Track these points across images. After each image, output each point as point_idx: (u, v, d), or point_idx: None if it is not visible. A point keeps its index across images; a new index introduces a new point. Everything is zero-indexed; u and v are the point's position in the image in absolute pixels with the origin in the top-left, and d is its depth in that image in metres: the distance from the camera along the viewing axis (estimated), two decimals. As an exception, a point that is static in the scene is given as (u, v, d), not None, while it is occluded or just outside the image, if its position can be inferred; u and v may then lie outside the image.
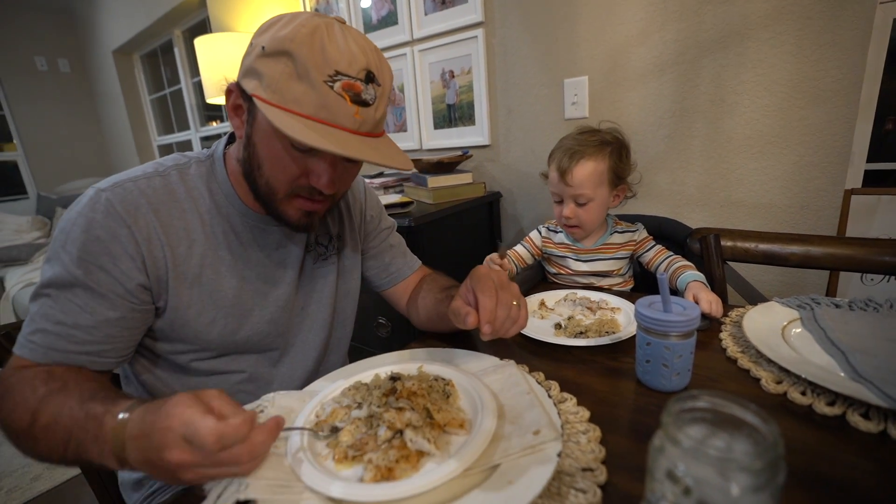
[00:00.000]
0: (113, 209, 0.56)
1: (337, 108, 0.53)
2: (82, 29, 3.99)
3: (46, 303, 0.55)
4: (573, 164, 0.95)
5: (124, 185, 0.59)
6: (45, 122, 3.99)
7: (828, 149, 1.11)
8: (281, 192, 0.60)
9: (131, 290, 0.57)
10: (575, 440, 0.47)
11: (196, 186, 0.64)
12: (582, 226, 1.01)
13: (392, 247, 0.87)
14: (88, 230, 0.55)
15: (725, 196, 1.27)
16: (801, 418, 0.50)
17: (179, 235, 0.61)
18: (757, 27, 1.13)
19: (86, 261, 0.54)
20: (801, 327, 0.68)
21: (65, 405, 0.48)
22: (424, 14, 1.75)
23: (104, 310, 0.55)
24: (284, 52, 0.52)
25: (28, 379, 0.51)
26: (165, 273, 0.60)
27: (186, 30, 3.12)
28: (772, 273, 1.23)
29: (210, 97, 2.04)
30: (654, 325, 0.55)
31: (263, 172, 0.59)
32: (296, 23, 0.53)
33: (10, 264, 3.24)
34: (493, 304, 0.57)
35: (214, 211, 0.65)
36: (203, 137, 3.41)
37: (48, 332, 0.54)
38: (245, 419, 0.39)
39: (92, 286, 0.55)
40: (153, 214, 0.59)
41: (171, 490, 0.69)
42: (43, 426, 0.47)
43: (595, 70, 1.41)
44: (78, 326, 0.54)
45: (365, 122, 0.55)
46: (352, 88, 0.53)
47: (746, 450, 0.28)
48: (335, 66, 0.52)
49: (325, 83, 0.52)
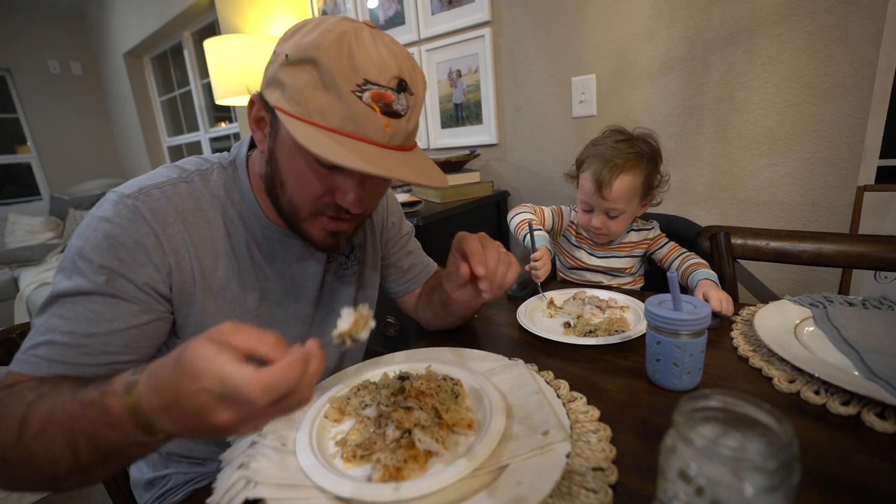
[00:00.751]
0: (141, 216, 0.53)
1: (366, 120, 0.49)
2: (94, 32, 4.04)
3: (56, 312, 0.50)
4: (613, 178, 0.91)
5: (150, 191, 0.56)
6: (59, 124, 4.05)
7: (840, 145, 1.09)
8: (305, 211, 0.56)
9: (153, 299, 0.54)
10: (585, 440, 0.47)
11: (219, 195, 0.61)
12: (609, 235, 1.00)
13: (410, 253, 0.86)
14: (113, 236, 0.52)
15: (735, 194, 1.26)
16: (814, 418, 0.49)
17: (206, 247, 0.58)
18: (766, 23, 1.11)
19: (108, 268, 0.51)
20: (814, 326, 0.67)
21: (56, 403, 0.41)
22: (431, 14, 1.75)
23: (125, 317, 0.52)
24: (309, 59, 0.48)
25: (16, 391, 0.45)
26: (193, 286, 0.57)
27: (196, 32, 3.15)
28: (783, 271, 1.22)
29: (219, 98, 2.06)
30: (665, 324, 0.54)
31: (286, 190, 0.55)
32: (321, 28, 0.49)
33: (24, 265, 3.29)
34: (480, 249, 0.57)
35: (238, 222, 0.62)
36: (212, 138, 3.44)
37: (55, 343, 0.48)
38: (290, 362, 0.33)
39: (113, 293, 0.51)
40: (181, 224, 0.56)
41: (184, 490, 0.70)
42: (35, 434, 0.40)
43: (603, 68, 1.40)
44: (93, 336, 0.50)
45: (396, 134, 0.51)
46: (382, 98, 0.49)
47: (760, 450, 0.27)
48: (364, 74, 0.48)
49: (353, 93, 0.47)
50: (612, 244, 1.05)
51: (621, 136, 0.96)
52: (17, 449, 0.40)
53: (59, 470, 0.40)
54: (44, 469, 0.40)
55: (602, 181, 0.92)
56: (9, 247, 3.43)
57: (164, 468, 0.71)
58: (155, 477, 0.71)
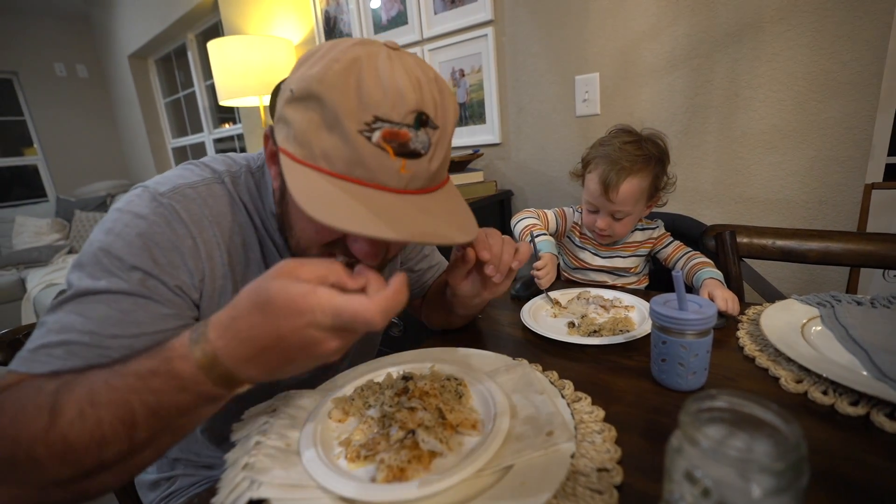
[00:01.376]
0: (178, 216, 0.50)
1: (376, 163, 0.42)
2: (99, 35, 4.08)
3: (76, 310, 0.46)
4: (620, 181, 0.90)
5: (184, 191, 0.53)
6: (64, 126, 4.09)
7: (847, 142, 1.08)
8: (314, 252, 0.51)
9: (185, 303, 0.51)
10: (590, 440, 0.47)
11: (248, 200, 0.58)
12: (614, 236, 1.00)
13: (426, 257, 0.84)
14: (148, 236, 0.49)
15: (740, 192, 1.25)
16: (822, 418, 0.48)
17: (238, 252, 0.56)
18: (772, 20, 1.10)
19: (141, 268, 0.48)
20: (822, 325, 0.66)
21: (94, 384, 0.38)
22: (434, 13, 1.74)
23: (154, 321, 0.48)
24: (313, 95, 0.42)
25: (28, 385, 0.41)
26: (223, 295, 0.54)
27: (200, 33, 3.17)
28: (790, 270, 1.21)
29: (223, 99, 2.07)
30: (670, 324, 0.54)
31: (295, 234, 0.51)
32: (329, 57, 0.43)
33: (31, 266, 3.32)
34: (483, 236, 0.56)
35: (263, 230, 0.59)
36: (216, 139, 3.45)
37: (73, 343, 0.44)
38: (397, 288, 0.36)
39: (146, 294, 0.48)
40: (216, 227, 0.53)
41: (188, 491, 0.70)
42: (72, 420, 0.36)
43: (606, 66, 1.39)
44: (116, 338, 0.46)
45: (415, 177, 0.45)
46: (396, 138, 0.42)
47: (767, 451, 0.27)
48: (374, 110, 0.41)
49: (361, 133, 0.42)
50: (616, 244, 1.04)
51: (629, 138, 0.95)
52: (48, 441, 0.36)
53: (105, 455, 0.37)
54: (83, 460, 0.37)
55: (609, 184, 0.91)
56: (16, 248, 3.46)
57: (170, 470, 0.71)
58: (160, 478, 0.71)
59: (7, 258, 3.32)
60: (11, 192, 4.00)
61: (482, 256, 0.56)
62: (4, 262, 3.30)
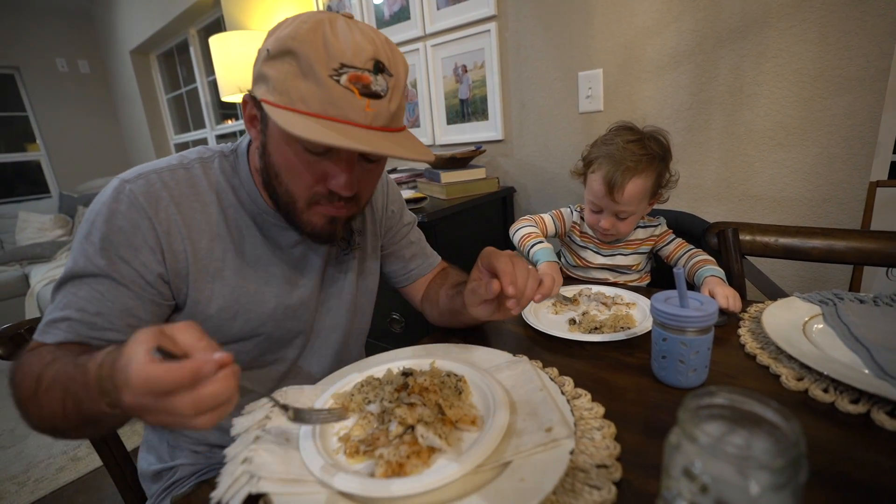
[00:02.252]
0: (136, 200, 0.57)
1: (345, 102, 0.50)
2: (101, 30, 4.07)
3: (71, 291, 0.55)
4: (625, 181, 0.89)
5: (148, 176, 0.59)
6: (67, 122, 4.09)
7: (852, 140, 1.07)
8: (301, 201, 0.59)
9: (151, 281, 0.57)
10: (589, 436, 0.47)
11: (218, 181, 0.64)
12: (617, 235, 1.00)
13: (412, 243, 0.86)
14: (111, 221, 0.56)
15: (744, 190, 1.24)
16: (822, 416, 0.48)
17: (202, 229, 0.61)
18: (778, 15, 1.09)
19: (108, 251, 0.55)
20: (824, 323, 0.66)
21: (65, 365, 0.48)
22: (437, 8, 1.74)
23: (126, 299, 0.56)
24: (288, 51, 0.51)
25: (37, 353, 0.52)
26: (186, 266, 0.60)
27: (201, 29, 3.16)
28: (792, 268, 1.20)
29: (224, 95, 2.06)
30: (671, 321, 0.54)
31: (281, 181, 0.58)
32: (297, 21, 0.52)
33: (35, 261, 3.33)
34: (510, 267, 0.57)
35: (238, 206, 0.64)
36: (218, 136, 3.45)
37: (71, 319, 0.54)
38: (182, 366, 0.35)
39: (114, 276, 0.55)
40: (174, 207, 0.59)
41: (189, 482, 0.71)
42: (45, 389, 0.47)
43: (610, 62, 1.38)
44: (100, 314, 0.55)
45: (378, 115, 0.53)
46: (360, 80, 0.50)
47: (766, 448, 0.27)
48: (339, 58, 0.50)
49: (331, 77, 0.50)
50: (618, 242, 1.04)
51: (632, 136, 0.94)
52: (33, 401, 0.48)
53: (56, 423, 0.48)
54: (48, 420, 0.48)
55: (614, 184, 0.90)
56: (20, 244, 3.47)
57: (170, 460, 0.72)
58: (162, 469, 0.72)
59: (11, 254, 3.33)
60: (15, 188, 4.01)
61: (507, 291, 0.56)
62: (8, 258, 3.31)
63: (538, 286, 0.60)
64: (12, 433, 1.96)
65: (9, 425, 2.02)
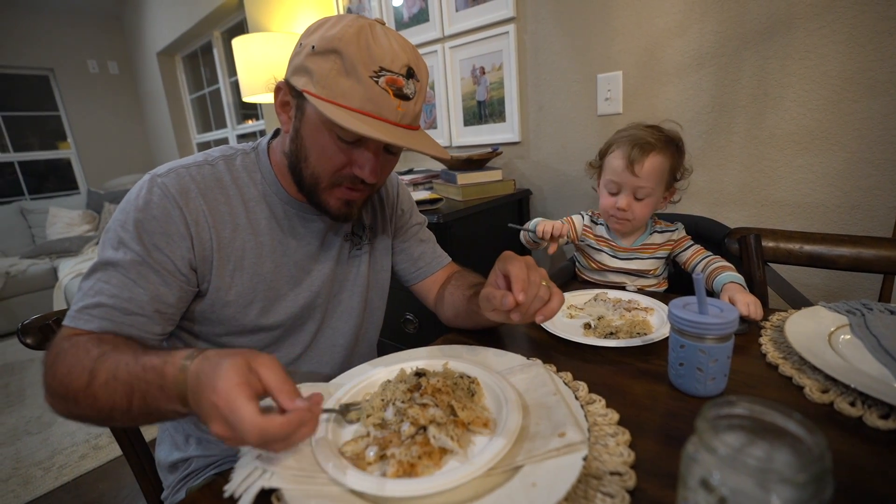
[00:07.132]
0: (168, 192, 0.61)
1: (382, 101, 0.57)
2: (130, 33, 4.19)
3: (102, 277, 0.58)
4: (645, 155, 0.93)
5: (178, 171, 0.64)
6: (96, 121, 4.23)
7: (884, 144, 1.03)
8: (325, 182, 0.64)
9: (181, 268, 0.61)
10: (603, 443, 0.46)
11: (241, 176, 0.69)
12: (633, 219, 0.99)
13: (422, 242, 0.89)
14: (146, 210, 0.60)
15: (767, 195, 1.21)
16: (849, 430, 0.47)
17: (224, 219, 0.65)
18: (806, 16, 1.06)
19: (143, 239, 0.59)
20: (851, 334, 0.64)
21: (120, 362, 0.50)
22: (455, 10, 1.74)
23: (157, 286, 0.59)
24: (333, 50, 0.56)
25: (80, 343, 0.54)
26: (211, 254, 0.64)
27: (225, 31, 3.23)
28: (818, 276, 1.17)
29: (246, 96, 2.10)
30: (689, 327, 0.53)
31: (310, 163, 0.63)
32: (343, 24, 0.58)
33: (63, 255, 3.44)
34: (524, 273, 0.56)
35: (258, 198, 0.69)
36: (239, 136, 3.52)
37: (104, 305, 0.57)
38: (290, 420, 0.39)
39: (149, 262, 0.59)
40: (202, 199, 0.64)
41: (206, 473, 0.72)
42: (102, 383, 0.49)
43: (630, 64, 1.36)
44: (132, 300, 0.58)
45: (406, 114, 0.59)
46: (395, 83, 0.57)
47: (789, 461, 0.26)
48: (380, 62, 0.56)
49: (371, 78, 0.56)
50: (634, 244, 1.02)
51: (647, 124, 1.00)
52: (86, 394, 0.50)
53: (115, 414, 0.51)
54: (103, 411, 0.51)
55: (634, 158, 0.93)
56: (49, 238, 3.59)
57: (186, 449, 0.74)
58: (179, 459, 0.74)
59: (41, 248, 3.45)
60: (46, 185, 4.16)
61: (518, 297, 0.55)
62: (38, 252, 3.43)
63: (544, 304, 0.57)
64: (39, 420, 2.03)
65: (36, 412, 2.09)
